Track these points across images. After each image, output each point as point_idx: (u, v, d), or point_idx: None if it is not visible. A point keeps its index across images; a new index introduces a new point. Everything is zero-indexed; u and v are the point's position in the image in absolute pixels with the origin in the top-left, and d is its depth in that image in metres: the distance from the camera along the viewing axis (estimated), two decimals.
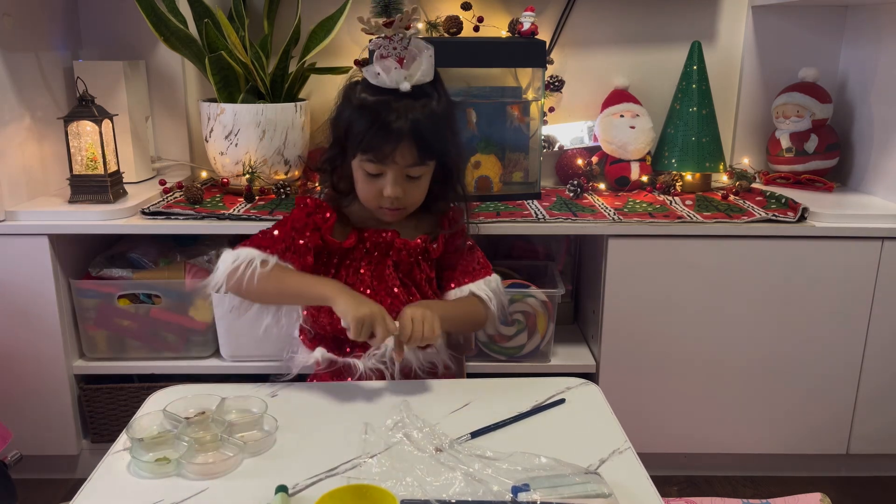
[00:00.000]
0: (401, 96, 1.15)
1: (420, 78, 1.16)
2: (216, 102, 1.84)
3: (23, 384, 1.76)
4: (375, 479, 0.88)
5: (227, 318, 1.74)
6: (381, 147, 1.16)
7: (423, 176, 1.21)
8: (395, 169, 1.18)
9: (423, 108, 1.16)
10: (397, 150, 1.16)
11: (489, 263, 1.35)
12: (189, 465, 0.92)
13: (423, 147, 1.16)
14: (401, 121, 1.14)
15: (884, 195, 1.89)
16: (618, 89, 2.08)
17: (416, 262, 1.28)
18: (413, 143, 1.15)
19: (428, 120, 1.16)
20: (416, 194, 1.23)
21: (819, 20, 2.07)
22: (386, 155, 1.16)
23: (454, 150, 1.25)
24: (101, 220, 1.68)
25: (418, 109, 1.15)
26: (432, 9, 2.04)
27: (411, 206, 1.24)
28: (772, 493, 1.82)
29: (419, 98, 1.16)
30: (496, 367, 1.82)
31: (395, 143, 1.15)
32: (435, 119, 1.17)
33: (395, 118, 1.14)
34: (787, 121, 2.01)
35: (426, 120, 1.16)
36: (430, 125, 1.16)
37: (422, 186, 1.23)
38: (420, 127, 1.15)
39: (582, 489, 0.84)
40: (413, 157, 1.17)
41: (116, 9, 1.99)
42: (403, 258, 1.26)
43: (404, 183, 1.20)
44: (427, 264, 1.30)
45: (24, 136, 1.75)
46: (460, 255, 1.31)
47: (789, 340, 1.78)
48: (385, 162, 1.17)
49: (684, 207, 1.82)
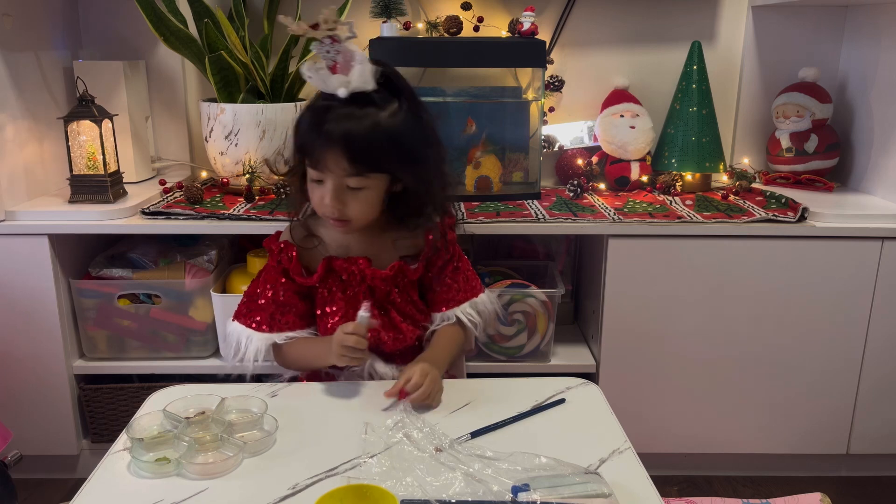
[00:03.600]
0: (345, 103, 1.10)
1: (357, 85, 1.09)
2: (216, 102, 1.84)
3: (23, 384, 1.76)
4: (375, 479, 0.88)
5: (227, 318, 1.74)
6: (312, 150, 1.12)
7: (365, 189, 1.14)
8: (331, 177, 1.13)
9: (363, 117, 1.10)
10: (328, 157, 1.11)
11: (478, 280, 1.32)
12: (189, 465, 0.92)
13: (356, 159, 1.10)
14: (332, 126, 1.09)
15: (884, 195, 1.89)
16: (618, 89, 2.08)
17: (395, 287, 1.24)
18: (343, 152, 1.10)
19: (367, 130, 1.10)
20: (357, 208, 1.16)
21: (819, 20, 2.07)
22: (318, 160, 1.12)
23: (411, 167, 1.16)
24: (101, 220, 1.68)
25: (356, 119, 1.09)
26: (432, 9, 2.04)
27: (357, 221, 1.18)
28: (772, 493, 1.82)
29: (365, 107, 1.10)
30: (496, 367, 1.82)
31: (323, 147, 1.10)
32: (379, 131, 1.11)
33: (329, 123, 1.10)
34: (787, 121, 2.01)
35: (365, 130, 1.10)
36: (367, 136, 1.10)
37: (365, 200, 1.16)
38: (353, 137, 1.09)
39: (582, 489, 0.84)
40: (345, 167, 1.11)
41: (116, 9, 1.99)
42: (378, 285, 1.23)
43: (344, 194, 1.14)
44: (405, 287, 1.25)
45: (24, 136, 1.75)
46: (444, 275, 1.27)
47: (789, 340, 1.78)
48: (319, 167, 1.13)
49: (684, 207, 1.83)
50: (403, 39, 1.91)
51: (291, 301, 1.25)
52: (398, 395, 1.08)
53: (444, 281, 1.27)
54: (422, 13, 2.04)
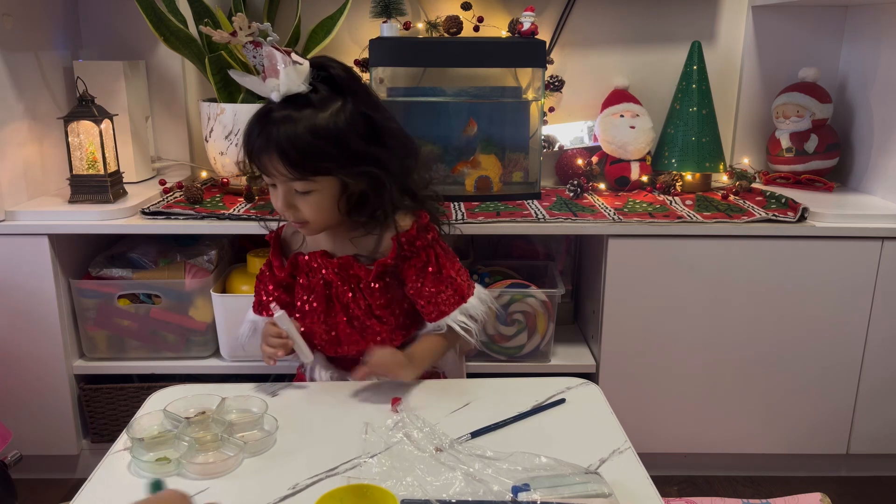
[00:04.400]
0: (281, 106, 1.08)
1: (288, 88, 1.07)
2: (216, 102, 1.84)
3: (23, 384, 1.76)
4: (375, 478, 0.88)
5: (227, 318, 1.75)
6: (254, 156, 1.11)
7: (314, 192, 1.11)
8: (279, 181, 1.11)
9: (299, 120, 1.07)
10: (267, 163, 1.09)
11: (466, 282, 1.23)
12: (189, 465, 0.92)
13: (294, 163, 1.08)
14: (269, 130, 1.08)
15: (884, 195, 1.89)
16: (618, 89, 2.08)
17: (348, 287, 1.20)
18: (280, 157, 1.07)
19: (303, 132, 1.07)
20: (308, 212, 1.13)
21: (819, 20, 2.07)
22: (261, 166, 1.11)
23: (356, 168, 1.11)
24: (101, 220, 1.68)
25: (292, 122, 1.07)
26: (432, 9, 2.04)
27: (314, 224, 1.15)
28: (772, 493, 1.82)
29: (302, 109, 1.08)
30: (496, 367, 1.82)
31: (260, 153, 1.09)
32: (316, 133, 1.07)
33: (266, 128, 1.09)
34: (787, 121, 2.01)
35: (300, 133, 1.07)
36: (302, 139, 1.07)
37: (315, 204, 1.12)
38: (288, 140, 1.06)
39: (582, 489, 0.84)
40: (284, 172, 1.09)
41: (116, 9, 1.99)
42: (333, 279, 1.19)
43: (293, 197, 1.12)
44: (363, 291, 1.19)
45: (24, 136, 1.75)
46: (426, 284, 1.19)
47: (789, 340, 1.78)
48: (265, 172, 1.12)
49: (684, 207, 1.83)
50: (403, 39, 1.91)
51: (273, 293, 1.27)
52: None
53: (428, 290, 1.19)
54: (422, 13, 2.04)
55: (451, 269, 1.21)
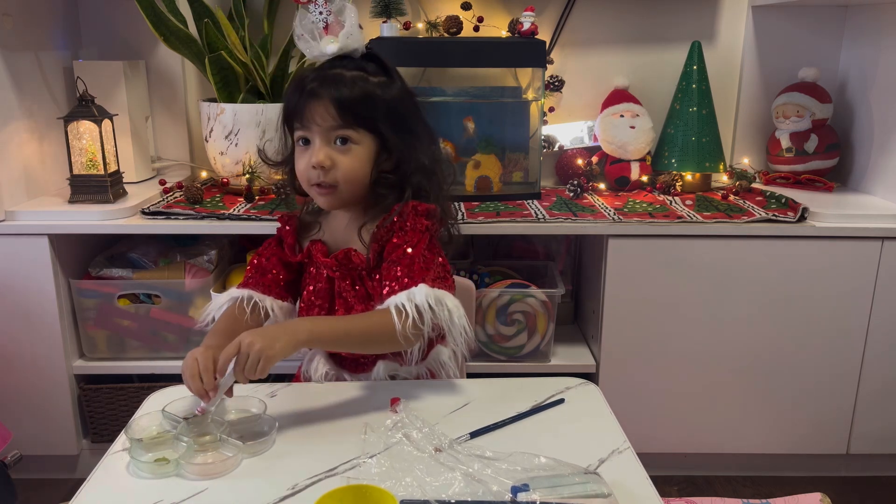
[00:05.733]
0: (332, 64, 1.12)
1: (346, 44, 1.12)
2: (216, 102, 1.84)
3: (23, 384, 1.76)
4: (375, 479, 0.88)
5: None
6: (300, 107, 1.12)
7: (353, 146, 1.12)
8: (319, 132, 1.11)
9: (353, 77, 1.11)
10: (316, 109, 1.10)
11: (431, 272, 1.12)
12: (188, 466, 0.92)
13: (345, 106, 1.09)
14: (322, 77, 1.11)
15: (884, 195, 1.89)
16: (618, 89, 2.08)
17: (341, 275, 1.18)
18: (332, 101, 1.09)
19: (355, 86, 1.10)
20: (347, 165, 1.11)
21: (819, 20, 2.07)
22: (305, 115, 1.11)
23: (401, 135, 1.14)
24: (101, 220, 1.68)
25: (346, 76, 1.10)
26: (432, 9, 2.04)
27: (344, 186, 1.13)
28: (772, 493, 1.82)
29: (352, 70, 1.12)
30: (496, 367, 1.82)
31: (310, 99, 1.10)
32: (367, 92, 1.11)
33: (317, 78, 1.11)
34: (787, 121, 2.01)
35: (353, 85, 1.10)
36: (355, 91, 1.10)
37: (354, 157, 1.12)
38: (343, 85, 1.10)
39: (582, 489, 0.84)
40: (333, 117, 1.09)
41: (116, 9, 1.99)
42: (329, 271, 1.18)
43: (331, 149, 1.12)
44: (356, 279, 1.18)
45: (24, 136, 1.75)
46: (392, 258, 1.12)
47: (789, 340, 1.78)
48: (306, 123, 1.12)
49: (684, 207, 1.82)
50: (403, 39, 1.91)
51: (273, 266, 1.22)
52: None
53: (392, 267, 1.11)
54: (422, 13, 2.04)
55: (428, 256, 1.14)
